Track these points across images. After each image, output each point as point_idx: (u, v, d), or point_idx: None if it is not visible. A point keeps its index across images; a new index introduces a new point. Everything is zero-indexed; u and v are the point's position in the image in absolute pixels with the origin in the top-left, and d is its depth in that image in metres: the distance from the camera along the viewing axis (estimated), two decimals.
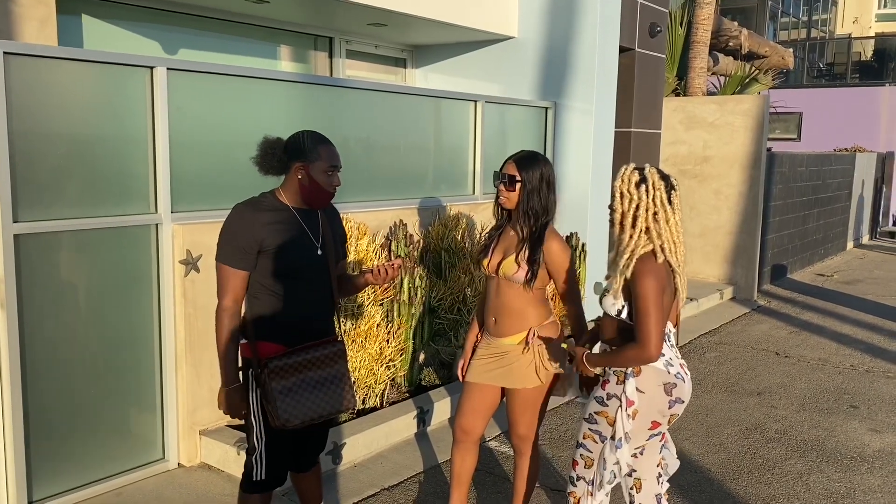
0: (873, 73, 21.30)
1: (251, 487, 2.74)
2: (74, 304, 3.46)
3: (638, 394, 2.59)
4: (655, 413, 2.60)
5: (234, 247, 2.56)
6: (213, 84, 3.97)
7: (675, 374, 2.62)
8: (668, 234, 2.55)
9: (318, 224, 2.72)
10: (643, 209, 2.54)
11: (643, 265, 2.51)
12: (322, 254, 2.70)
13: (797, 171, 10.20)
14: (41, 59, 3.26)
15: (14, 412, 3.25)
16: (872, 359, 6.38)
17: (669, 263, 2.57)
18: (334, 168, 2.65)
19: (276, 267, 2.60)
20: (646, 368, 2.59)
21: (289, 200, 2.66)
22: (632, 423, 2.59)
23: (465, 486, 3.30)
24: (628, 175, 2.59)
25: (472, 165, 5.85)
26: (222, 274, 2.58)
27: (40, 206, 3.30)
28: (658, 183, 2.55)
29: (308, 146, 2.61)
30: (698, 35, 10.11)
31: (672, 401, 2.62)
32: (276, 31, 6.17)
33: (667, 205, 2.55)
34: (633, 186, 2.56)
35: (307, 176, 2.61)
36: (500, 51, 6.75)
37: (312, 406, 2.64)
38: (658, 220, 2.54)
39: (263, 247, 2.57)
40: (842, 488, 3.93)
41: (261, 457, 2.70)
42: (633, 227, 2.55)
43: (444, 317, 5.01)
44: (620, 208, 2.59)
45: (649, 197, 2.54)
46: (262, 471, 2.71)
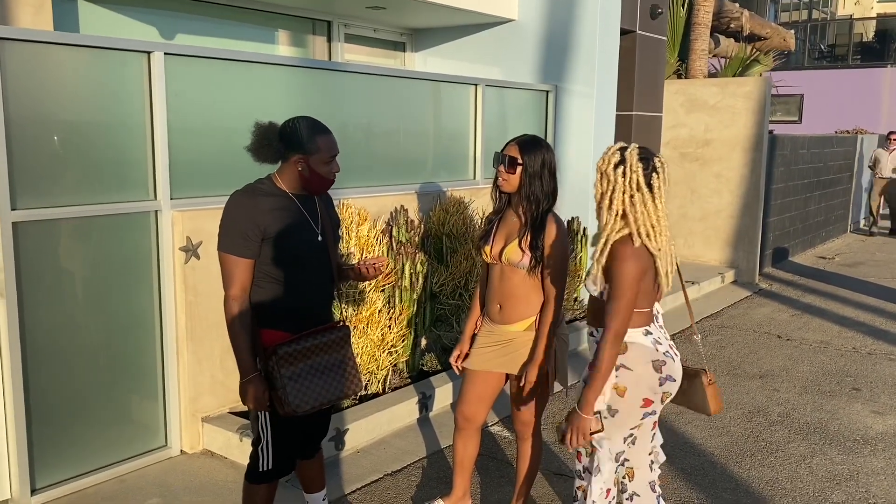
0: (875, 54, 21.19)
1: (257, 478, 2.72)
2: (74, 292, 3.45)
3: (626, 371, 2.57)
4: (646, 390, 2.59)
5: (238, 235, 2.52)
6: (212, 69, 3.93)
7: (663, 353, 2.62)
8: (644, 217, 2.48)
9: (317, 209, 2.70)
10: (619, 191, 2.49)
11: (620, 250, 2.48)
12: (322, 239, 2.69)
13: (798, 154, 10.16)
14: (37, 44, 3.22)
15: (16, 401, 3.24)
16: (875, 341, 6.38)
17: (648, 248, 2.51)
18: (332, 157, 2.63)
19: (279, 254, 2.57)
20: (632, 346, 2.58)
21: (286, 186, 2.64)
22: (620, 400, 2.57)
23: (467, 472, 3.30)
24: (609, 156, 2.54)
25: (472, 150, 5.81)
26: (227, 264, 2.55)
27: (38, 194, 3.28)
28: (636, 165, 2.48)
29: (306, 138, 2.57)
30: (699, 17, 10.03)
31: (662, 378, 2.60)
32: (274, 16, 6.11)
33: (644, 188, 2.48)
34: (611, 167, 2.52)
35: (307, 167, 2.59)
36: (500, 34, 6.69)
37: (320, 391, 2.63)
38: (634, 203, 2.48)
39: (266, 234, 2.54)
40: (845, 471, 3.93)
41: (267, 446, 2.68)
42: (610, 210, 2.51)
43: (446, 302, 5.00)
44: (600, 189, 2.55)
45: (626, 179, 2.49)
46: (269, 461, 2.69)
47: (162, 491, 3.53)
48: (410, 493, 3.60)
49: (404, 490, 3.63)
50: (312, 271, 2.67)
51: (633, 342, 2.58)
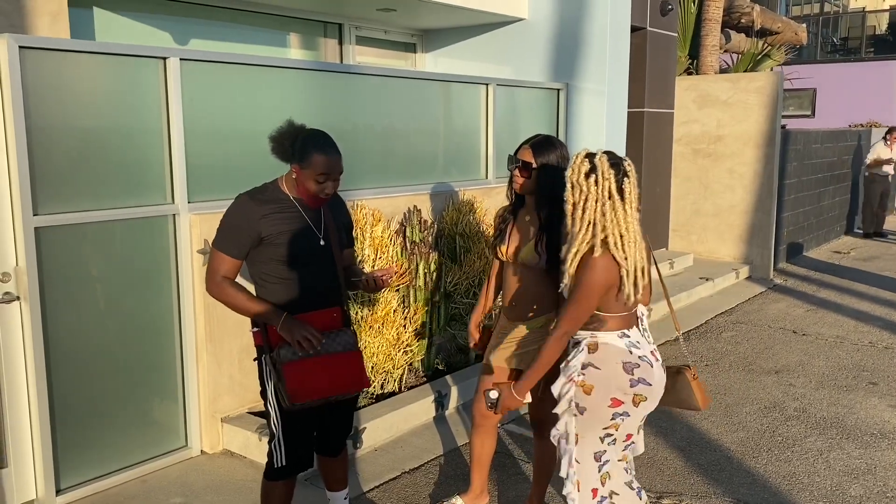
0: (888, 46, 21.00)
1: (274, 475, 2.76)
2: (95, 296, 3.50)
3: (593, 370, 2.55)
4: (614, 389, 2.54)
5: (232, 236, 2.63)
6: (227, 73, 3.98)
7: (639, 356, 2.57)
8: (613, 226, 2.43)
9: (320, 215, 2.75)
10: (591, 200, 2.44)
11: (589, 259, 2.45)
12: (325, 243, 2.74)
13: (812, 149, 10.11)
14: (56, 52, 3.28)
15: (40, 403, 3.30)
16: (891, 335, 6.35)
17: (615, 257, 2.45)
18: (326, 176, 2.64)
19: (279, 256, 2.65)
20: (603, 346, 2.55)
21: (290, 191, 2.71)
22: (587, 398, 2.55)
23: (485, 469, 3.33)
24: (579, 164, 2.48)
25: (484, 149, 5.83)
26: (217, 258, 2.66)
27: (59, 199, 3.33)
28: (608, 172, 2.43)
29: (305, 151, 2.62)
30: (710, 12, 10.00)
31: (634, 380, 2.56)
32: (285, 19, 6.16)
33: (615, 195, 2.43)
34: (582, 177, 2.46)
35: (300, 179, 2.66)
36: (510, 33, 6.71)
37: (324, 385, 2.65)
38: (605, 211, 2.43)
39: (264, 237, 2.62)
40: (862, 465, 3.93)
41: (279, 443, 2.72)
42: (582, 220, 2.46)
43: (460, 301, 5.02)
44: (572, 199, 2.49)
45: (598, 188, 2.44)
46: (283, 456, 2.73)
47: (184, 490, 3.58)
48: (428, 491, 3.63)
49: (422, 487, 3.66)
50: (315, 274, 2.72)
51: (605, 343, 2.56)
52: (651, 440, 4.20)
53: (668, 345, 6.09)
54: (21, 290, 3.25)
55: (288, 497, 2.83)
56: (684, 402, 2.78)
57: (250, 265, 2.73)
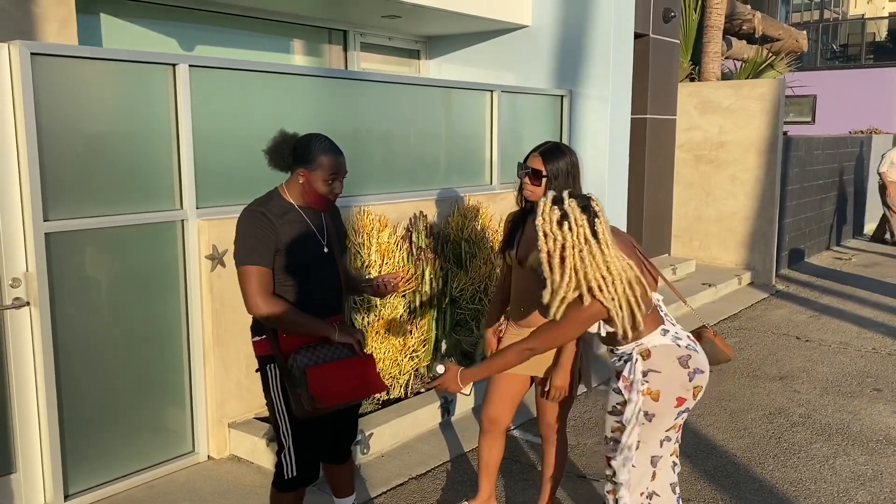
0: (888, 53, 21.08)
1: (284, 486, 2.75)
2: (104, 301, 3.51)
3: (655, 374, 2.56)
4: (678, 389, 2.57)
5: (258, 247, 2.58)
6: (235, 80, 4.00)
7: (685, 346, 2.60)
8: (594, 271, 2.40)
9: (322, 221, 2.77)
10: (569, 247, 2.39)
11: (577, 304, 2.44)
12: (329, 250, 2.75)
13: (813, 155, 10.14)
14: (67, 58, 3.29)
15: (49, 408, 3.31)
16: (894, 341, 6.36)
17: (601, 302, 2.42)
18: (335, 176, 2.66)
19: (288, 264, 2.64)
20: (655, 350, 2.56)
21: (293, 199, 2.71)
22: (656, 404, 2.57)
23: (493, 475, 3.34)
24: (548, 212, 2.42)
25: (488, 155, 5.85)
26: (249, 275, 2.57)
27: (69, 205, 3.35)
28: (580, 218, 2.39)
29: (312, 154, 2.64)
30: (712, 19, 10.03)
31: (691, 373, 2.58)
32: (291, 26, 6.19)
33: (591, 240, 2.39)
34: (555, 225, 2.40)
35: (308, 182, 2.66)
36: (514, 40, 6.74)
37: (343, 389, 2.64)
38: (584, 257, 2.39)
39: (277, 245, 2.62)
40: (868, 471, 3.94)
41: (290, 453, 2.70)
42: (562, 267, 2.41)
43: (466, 307, 5.03)
44: (546, 248, 2.43)
45: (573, 234, 2.39)
46: (293, 467, 2.71)
47: (191, 496, 3.58)
48: (436, 497, 3.63)
49: (430, 493, 3.67)
50: (320, 281, 2.73)
51: (653, 345, 2.57)
52: None
53: None
54: (31, 295, 3.26)
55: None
56: (713, 357, 2.82)
57: None
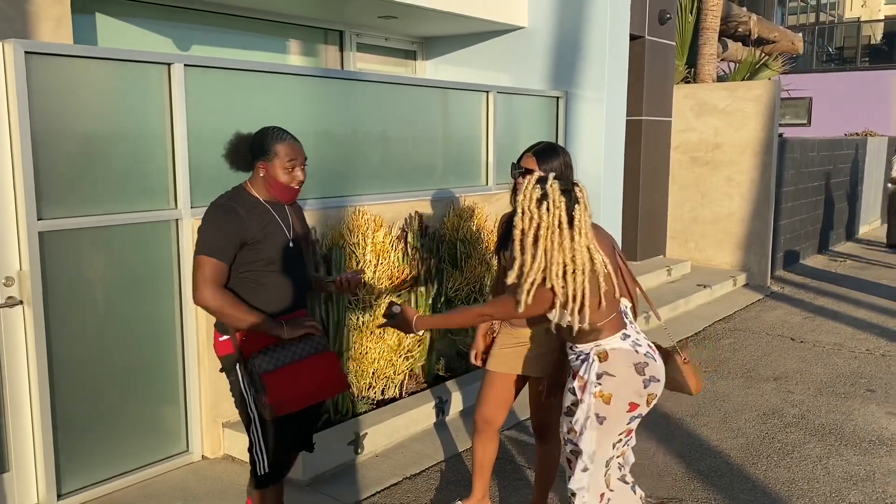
0: (883, 56, 21.14)
1: (260, 483, 2.78)
2: (98, 300, 3.51)
3: (609, 377, 2.54)
4: (632, 394, 2.55)
5: (218, 241, 2.62)
6: (230, 79, 3.99)
7: (644, 354, 2.59)
8: (560, 255, 2.37)
9: (288, 216, 2.81)
10: (544, 228, 2.37)
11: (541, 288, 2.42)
12: (294, 245, 2.78)
13: (808, 157, 10.16)
14: (61, 57, 3.29)
15: (42, 407, 3.30)
16: (888, 343, 6.38)
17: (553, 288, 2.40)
18: (294, 163, 2.70)
19: (255, 259, 2.67)
20: (613, 352, 2.55)
21: (259, 194, 2.75)
22: (607, 407, 2.55)
23: (486, 475, 3.34)
24: (530, 191, 2.40)
25: (484, 156, 5.86)
26: (203, 266, 2.61)
27: (63, 204, 3.34)
28: (559, 200, 2.36)
29: (266, 145, 2.68)
30: (708, 21, 10.07)
31: (647, 380, 2.57)
32: (286, 26, 6.19)
33: (565, 226, 2.36)
34: (534, 203, 2.37)
35: (268, 174, 2.70)
36: (510, 41, 6.75)
37: (304, 392, 2.67)
38: (553, 240, 2.36)
39: (245, 241, 2.64)
40: (861, 471, 3.95)
41: (261, 450, 2.73)
42: (535, 248, 2.38)
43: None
44: (521, 225, 2.41)
45: (550, 215, 2.36)
46: (265, 464, 2.74)
47: (185, 495, 3.58)
48: (430, 496, 3.64)
49: (423, 493, 3.67)
50: (287, 277, 2.76)
51: (613, 348, 2.56)
52: (651, 447, 4.22)
53: None
54: (24, 294, 3.26)
55: (279, 499, 2.88)
56: (678, 384, 2.77)
57: None
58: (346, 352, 4.23)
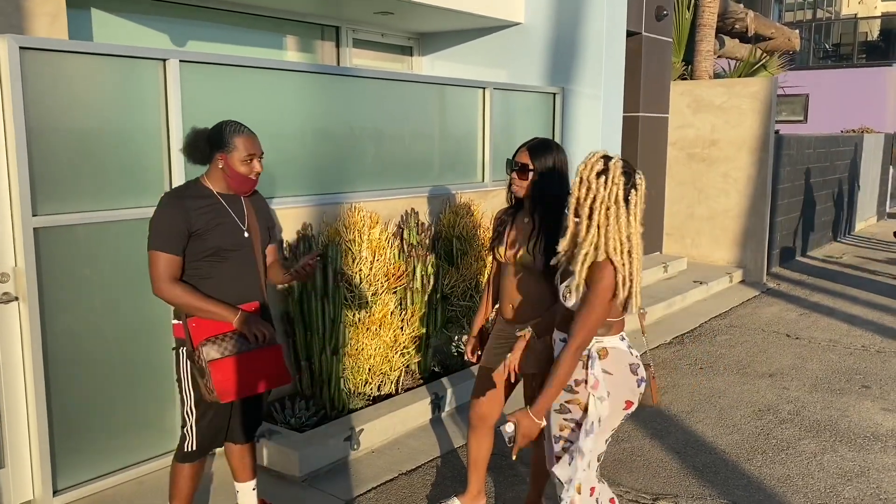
0: (880, 53, 21.17)
1: (183, 458, 2.91)
2: (93, 297, 3.50)
3: (606, 375, 2.56)
4: (627, 392, 2.59)
5: (167, 233, 2.70)
6: (226, 75, 3.99)
7: (635, 356, 2.65)
8: (615, 232, 2.40)
9: (243, 208, 2.88)
10: (599, 202, 2.40)
11: (600, 264, 2.43)
12: (248, 236, 2.85)
13: (805, 154, 10.18)
14: (57, 53, 3.28)
15: (38, 403, 3.30)
16: (883, 339, 6.40)
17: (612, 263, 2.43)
18: (252, 156, 2.79)
19: (205, 249, 2.75)
20: (612, 350, 2.57)
21: (214, 187, 2.82)
22: (606, 405, 2.56)
23: (482, 470, 3.35)
24: (592, 162, 2.44)
25: (480, 153, 5.86)
26: (158, 261, 2.70)
27: (58, 200, 3.34)
28: (618, 178, 2.39)
29: (226, 137, 2.76)
30: (704, 18, 10.06)
31: (639, 380, 2.63)
32: (283, 22, 6.18)
33: (621, 202, 2.40)
34: (594, 174, 2.42)
35: (227, 166, 2.78)
36: (506, 37, 6.74)
37: (245, 382, 2.75)
38: (609, 216, 2.40)
39: (193, 231, 2.72)
40: (856, 467, 3.96)
41: (192, 430, 2.86)
42: (590, 220, 2.42)
43: (457, 304, 5.04)
44: (577, 194, 2.45)
45: (606, 190, 2.40)
46: (193, 442, 2.88)
47: None
48: (426, 492, 3.64)
49: (419, 489, 3.67)
50: (239, 267, 2.83)
51: (612, 346, 2.58)
52: (647, 442, 4.23)
53: (662, 348, 6.12)
54: (20, 290, 3.25)
55: (197, 477, 2.97)
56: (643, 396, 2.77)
57: None
58: (342, 348, 4.23)
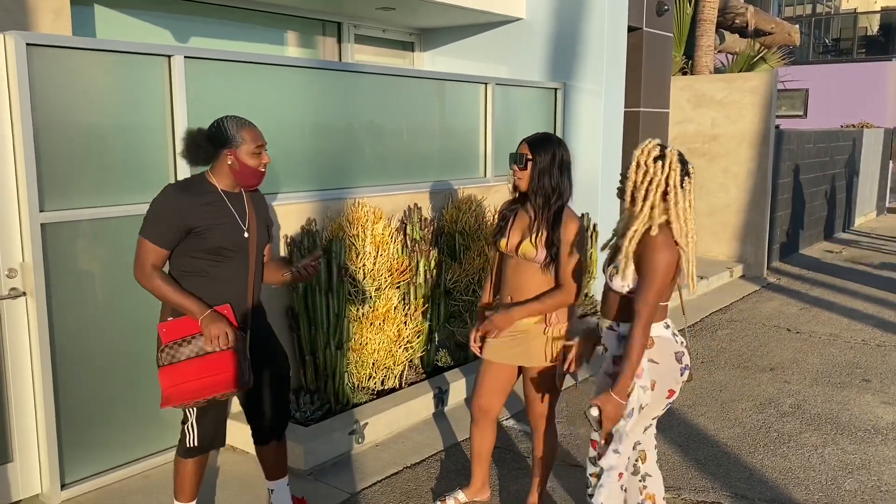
0: (880, 47, 21.15)
1: (186, 453, 2.91)
2: (100, 292, 3.52)
3: (652, 365, 2.62)
4: (671, 381, 2.65)
5: (161, 226, 2.67)
6: (230, 71, 4.00)
7: (680, 343, 2.69)
8: (675, 214, 2.55)
9: (244, 207, 2.84)
10: (655, 184, 2.55)
11: (652, 240, 2.54)
12: (248, 236, 2.82)
13: (805, 148, 10.19)
14: (62, 49, 3.30)
15: (45, 398, 3.32)
16: (884, 333, 6.42)
17: (677, 242, 2.58)
18: (260, 147, 2.77)
19: (205, 247, 2.71)
20: (658, 340, 2.62)
21: (219, 184, 2.78)
22: (650, 393, 2.63)
23: (485, 463, 3.38)
24: (649, 148, 2.60)
25: (483, 148, 5.87)
26: (144, 248, 2.68)
27: (64, 195, 3.36)
28: (675, 164, 2.57)
29: (231, 132, 2.73)
30: (705, 13, 10.08)
31: (682, 368, 2.68)
32: (285, 18, 6.18)
33: (678, 187, 2.55)
34: (651, 159, 2.57)
35: (237, 160, 2.74)
36: (508, 32, 6.75)
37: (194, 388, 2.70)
38: (668, 199, 2.55)
39: (192, 228, 2.68)
40: (857, 460, 3.99)
41: (192, 426, 2.86)
42: (644, 201, 2.56)
43: (460, 298, 5.06)
44: (633, 178, 2.59)
45: (663, 174, 2.55)
46: (195, 438, 2.87)
47: None
48: (430, 485, 3.67)
49: (424, 482, 3.70)
50: (237, 266, 2.80)
51: (657, 336, 2.64)
52: None
53: None
54: (27, 285, 3.27)
55: (200, 471, 2.96)
56: None
57: (172, 257, 2.76)
58: (347, 342, 4.25)
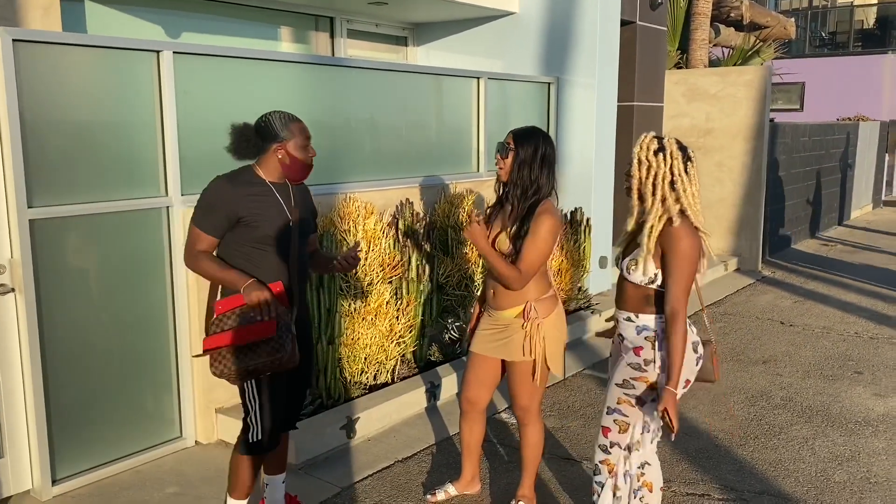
0: (876, 41, 21.15)
1: (248, 449, 2.84)
2: (89, 287, 3.52)
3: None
4: (687, 371, 2.68)
5: (211, 216, 2.73)
6: (220, 67, 4.00)
7: (696, 333, 2.74)
8: (686, 200, 2.59)
9: (291, 198, 2.89)
10: (661, 177, 2.58)
11: (674, 231, 2.57)
12: (293, 226, 2.86)
13: (800, 142, 10.20)
14: (50, 45, 3.29)
15: (35, 394, 3.32)
16: (876, 326, 6.44)
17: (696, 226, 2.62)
18: (308, 140, 2.84)
19: (253, 237, 2.76)
20: None
21: (267, 176, 2.83)
22: None
23: (475, 456, 3.39)
24: (647, 143, 2.62)
25: (475, 142, 5.87)
26: (194, 235, 2.74)
27: (53, 192, 3.35)
28: (676, 152, 2.60)
29: (281, 127, 2.79)
30: (700, 6, 10.07)
31: (698, 358, 2.72)
32: (277, 13, 6.17)
33: (683, 174, 2.59)
34: (651, 154, 2.60)
35: (287, 154, 2.80)
36: (501, 27, 6.75)
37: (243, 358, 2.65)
38: (676, 188, 2.58)
39: (241, 218, 2.73)
40: (847, 452, 4.01)
41: (256, 416, 2.79)
42: (653, 196, 2.59)
43: (452, 293, 5.07)
44: (638, 175, 2.62)
45: (667, 165, 2.58)
46: (259, 430, 2.80)
47: (178, 480, 3.61)
48: (421, 479, 3.68)
49: (415, 475, 3.71)
50: (284, 255, 2.84)
51: None
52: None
53: None
54: (16, 281, 3.27)
55: (255, 473, 2.93)
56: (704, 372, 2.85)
57: (221, 245, 2.79)
58: (338, 338, 4.26)
